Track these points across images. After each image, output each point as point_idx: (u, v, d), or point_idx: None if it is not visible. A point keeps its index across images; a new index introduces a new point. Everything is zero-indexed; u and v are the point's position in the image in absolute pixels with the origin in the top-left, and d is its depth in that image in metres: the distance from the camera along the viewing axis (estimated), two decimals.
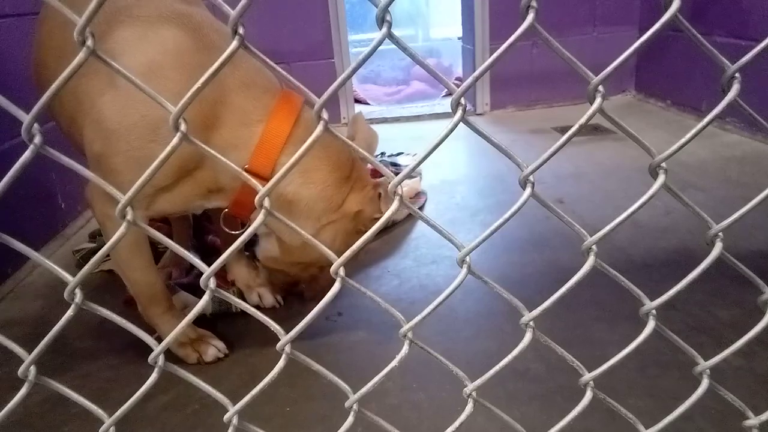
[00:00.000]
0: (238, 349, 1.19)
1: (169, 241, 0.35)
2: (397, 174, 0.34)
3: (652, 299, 0.42)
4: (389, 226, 1.74)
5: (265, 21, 2.84)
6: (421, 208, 1.91)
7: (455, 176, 2.19)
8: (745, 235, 1.48)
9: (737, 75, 0.34)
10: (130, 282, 1.10)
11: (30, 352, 0.36)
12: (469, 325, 1.22)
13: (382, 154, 2.49)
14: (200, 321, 1.24)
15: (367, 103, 3.64)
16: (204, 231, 1.66)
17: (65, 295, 0.33)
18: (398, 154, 2.48)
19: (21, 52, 1.44)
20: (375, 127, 1.24)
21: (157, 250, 1.56)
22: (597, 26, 3.07)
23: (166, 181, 0.95)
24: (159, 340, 1.23)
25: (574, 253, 1.48)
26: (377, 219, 0.84)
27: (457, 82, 3.75)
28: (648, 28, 0.30)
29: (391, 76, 4.08)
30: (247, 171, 0.88)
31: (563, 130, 2.71)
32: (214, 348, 1.15)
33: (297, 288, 1.31)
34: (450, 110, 1.61)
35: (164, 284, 1.15)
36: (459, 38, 3.52)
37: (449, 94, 2.37)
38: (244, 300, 1.37)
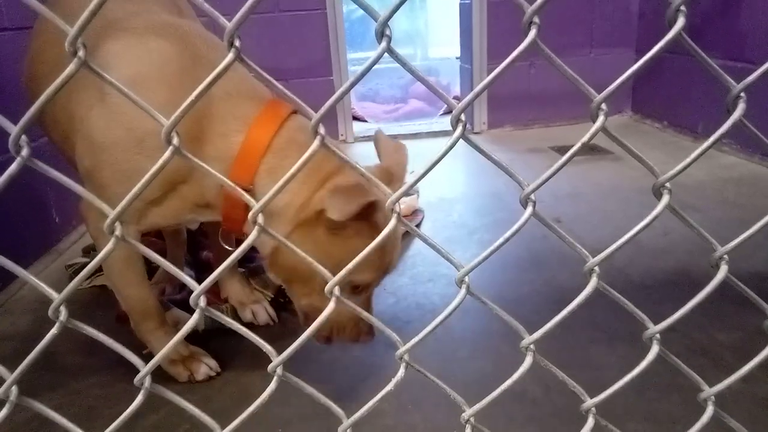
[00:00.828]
0: (231, 366, 1.17)
1: (159, 258, 0.34)
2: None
3: (651, 321, 0.40)
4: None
5: (265, 38, 2.85)
6: (418, 225, 1.90)
7: (453, 194, 2.18)
8: (745, 256, 1.47)
9: (742, 95, 0.33)
10: (122, 297, 1.09)
11: (16, 369, 0.34)
12: (466, 345, 1.20)
13: None
14: (193, 337, 1.22)
15: (365, 121, 3.65)
16: (199, 246, 1.64)
17: (50, 312, 0.31)
18: None
19: (18, 66, 1.44)
20: (372, 144, 1.22)
21: (151, 266, 1.55)
22: (594, 48, 3.10)
23: (153, 195, 0.94)
24: (151, 356, 1.21)
25: (571, 272, 1.47)
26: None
27: (455, 100, 3.76)
28: (645, 51, 0.29)
29: (389, 94, 4.11)
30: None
31: (561, 149, 2.71)
32: (206, 366, 1.13)
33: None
34: (448, 128, 1.58)
35: (157, 300, 1.13)
36: (457, 58, 3.54)
37: (447, 112, 2.40)
38: (237, 317, 1.35)
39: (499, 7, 2.96)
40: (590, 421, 0.44)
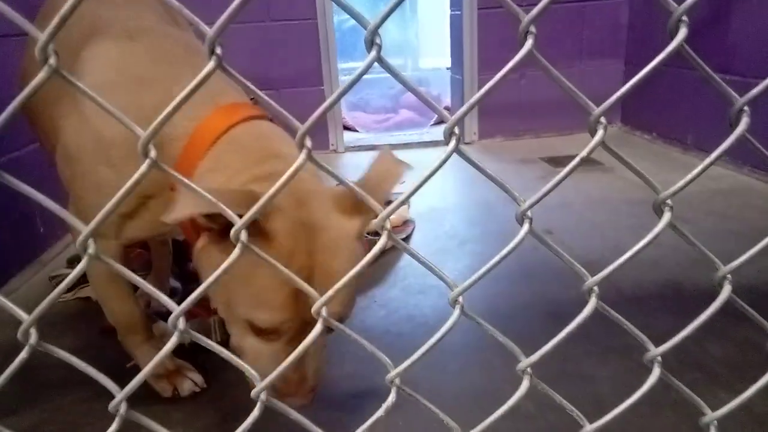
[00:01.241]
0: (219, 379, 1.14)
1: (136, 277, 0.32)
2: (387, 202, 0.32)
3: (644, 333, 0.39)
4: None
5: (255, 47, 2.84)
6: (409, 236, 1.89)
7: (444, 204, 2.17)
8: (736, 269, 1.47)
9: (746, 108, 0.32)
10: (107, 310, 1.06)
11: None
12: (457, 359, 1.18)
13: None
14: (180, 350, 1.19)
15: (356, 131, 3.64)
16: (186, 258, 1.62)
17: (18, 335, 0.30)
18: None
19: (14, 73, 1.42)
20: (363, 154, 1.21)
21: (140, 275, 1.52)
22: (584, 59, 3.12)
23: (126, 209, 0.90)
24: (134, 372, 1.18)
25: (563, 285, 1.46)
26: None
27: (446, 110, 3.77)
28: (634, 62, 0.29)
29: (380, 104, 4.10)
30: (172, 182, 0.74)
31: (552, 160, 2.72)
32: (191, 382, 1.10)
33: None
34: (439, 138, 1.58)
35: (143, 313, 1.10)
36: (448, 68, 3.55)
37: (438, 122, 2.38)
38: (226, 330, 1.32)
39: (489, 19, 2.98)
40: None
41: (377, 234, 1.39)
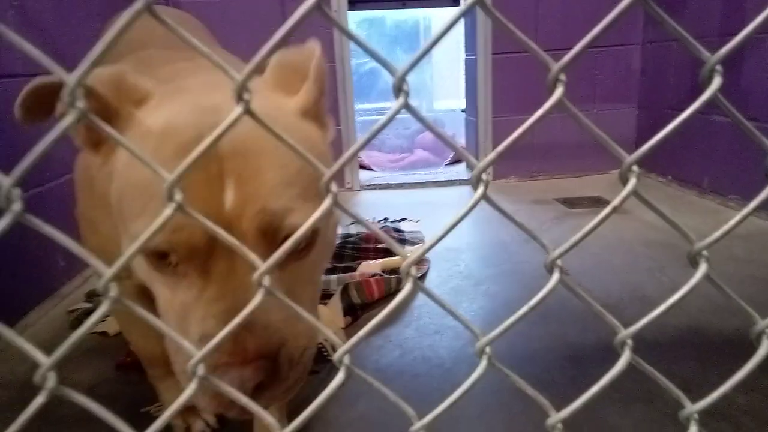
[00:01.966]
0: (233, 423, 1.12)
1: (156, 321, 0.32)
2: (401, 240, 0.31)
3: (667, 379, 0.37)
4: (390, 294, 1.70)
5: None
6: (424, 275, 1.87)
7: (459, 243, 2.16)
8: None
9: None
10: (131, 343, 1.08)
11: (16, 417, 0.31)
12: (475, 402, 1.15)
13: (385, 219, 2.48)
14: None
15: (372, 169, 3.67)
16: None
17: (35, 378, 0.29)
18: (401, 220, 2.46)
19: None
20: (379, 193, 1.21)
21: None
22: (597, 103, 3.14)
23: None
24: (151, 416, 1.17)
25: (581, 327, 1.43)
26: None
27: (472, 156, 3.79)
28: (647, 107, 0.29)
29: (395, 143, 4.15)
30: None
31: (565, 201, 2.71)
32: (202, 422, 1.08)
33: None
34: (453, 178, 1.58)
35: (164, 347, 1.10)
36: (462, 110, 3.60)
37: (453, 162, 2.38)
38: None
39: (503, 63, 3.02)
40: None
41: (393, 271, 1.37)
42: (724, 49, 0.26)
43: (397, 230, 2.27)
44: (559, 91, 0.26)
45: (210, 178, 0.50)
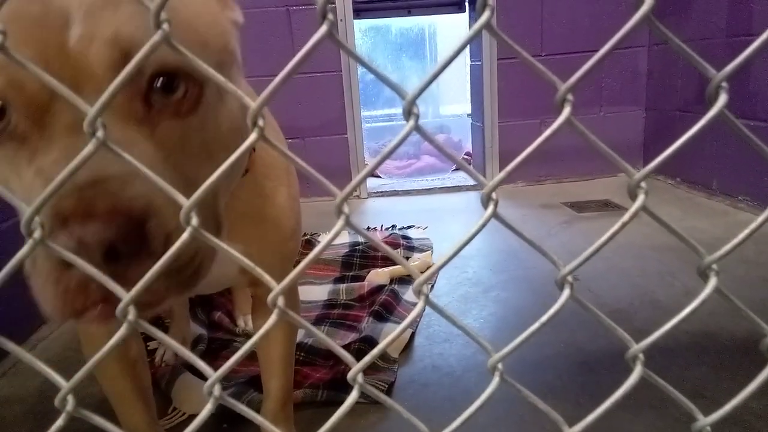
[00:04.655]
0: None
1: (160, 333, 0.32)
2: (410, 247, 0.31)
3: (678, 388, 0.37)
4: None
5: (283, 98, 2.92)
6: (433, 283, 1.87)
7: (467, 250, 2.15)
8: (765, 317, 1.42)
9: None
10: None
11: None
12: (486, 411, 1.14)
13: (393, 226, 2.48)
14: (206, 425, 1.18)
15: (379, 177, 3.68)
16: (213, 306, 1.62)
17: (56, 402, 0.30)
18: (409, 227, 2.47)
19: None
20: (386, 199, 1.22)
21: (164, 324, 1.53)
22: (604, 106, 3.13)
23: None
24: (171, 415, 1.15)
25: (591, 334, 1.42)
26: None
27: (466, 157, 3.80)
28: (654, 109, 0.29)
29: (402, 150, 4.15)
30: None
31: (573, 205, 2.70)
32: None
33: None
34: (460, 183, 1.59)
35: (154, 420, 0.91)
36: (468, 115, 3.60)
37: (459, 168, 2.35)
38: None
39: (508, 68, 3.03)
40: None
41: (402, 280, 1.35)
42: (730, 67, 0.27)
43: (405, 237, 2.28)
44: (566, 111, 0.26)
45: (49, 11, 0.41)
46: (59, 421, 0.28)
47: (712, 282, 0.29)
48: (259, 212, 0.74)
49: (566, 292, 0.29)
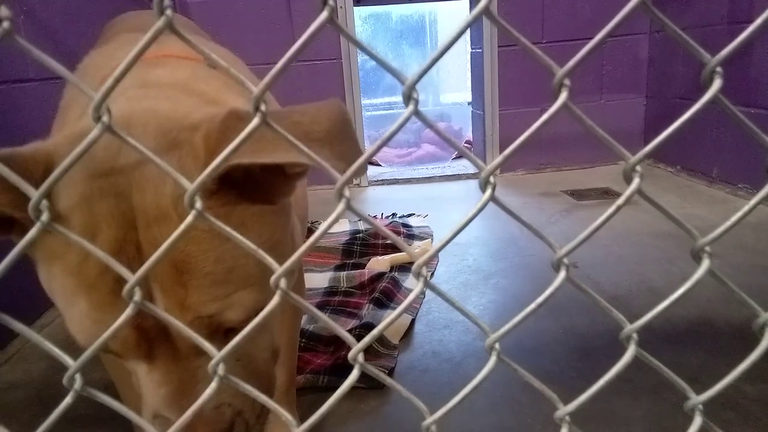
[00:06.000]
0: None
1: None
2: (410, 235, 0.32)
3: (676, 372, 0.38)
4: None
5: (283, 86, 2.91)
6: (433, 270, 1.88)
7: (467, 238, 2.16)
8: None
9: None
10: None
11: (32, 417, 0.33)
12: (484, 396, 1.16)
13: (394, 215, 2.49)
14: None
15: (379, 165, 3.68)
16: None
17: (64, 381, 0.30)
18: (409, 215, 2.48)
19: (44, 118, 1.48)
20: (386, 188, 1.22)
21: None
22: (605, 93, 3.12)
23: None
24: None
25: (590, 319, 1.44)
26: None
27: (466, 145, 3.80)
28: (655, 96, 0.29)
29: (402, 138, 4.15)
30: None
31: (573, 193, 2.71)
32: None
33: None
34: (460, 172, 1.59)
35: None
36: (468, 103, 3.59)
37: (459, 156, 2.39)
38: None
39: (509, 56, 3.02)
40: None
41: (403, 267, 1.37)
42: (725, 51, 0.27)
43: (406, 225, 2.28)
44: (563, 96, 0.27)
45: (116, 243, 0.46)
46: (67, 399, 0.28)
47: (705, 264, 0.30)
48: None
49: (562, 274, 0.30)
